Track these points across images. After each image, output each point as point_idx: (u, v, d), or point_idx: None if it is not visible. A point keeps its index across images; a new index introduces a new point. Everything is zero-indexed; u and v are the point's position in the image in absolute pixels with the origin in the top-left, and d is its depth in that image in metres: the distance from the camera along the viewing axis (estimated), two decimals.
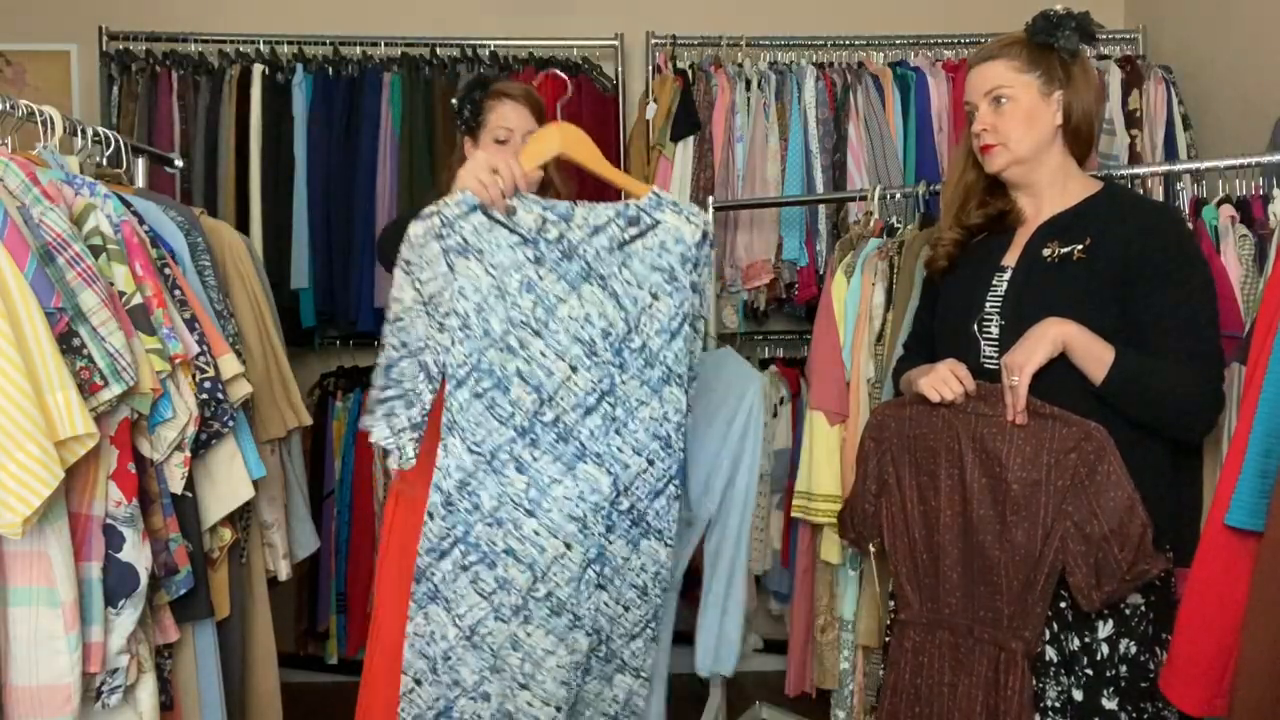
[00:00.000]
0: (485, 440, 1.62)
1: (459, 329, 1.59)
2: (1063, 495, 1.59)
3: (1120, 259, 1.66)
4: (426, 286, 1.61)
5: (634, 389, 1.67)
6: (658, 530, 1.73)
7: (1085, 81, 1.76)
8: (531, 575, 1.64)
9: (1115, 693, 1.61)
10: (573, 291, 1.64)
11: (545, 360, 1.63)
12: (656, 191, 1.70)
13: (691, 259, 1.69)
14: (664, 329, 1.68)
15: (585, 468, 1.65)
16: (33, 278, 1.41)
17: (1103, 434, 1.57)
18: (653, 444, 1.68)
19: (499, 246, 1.61)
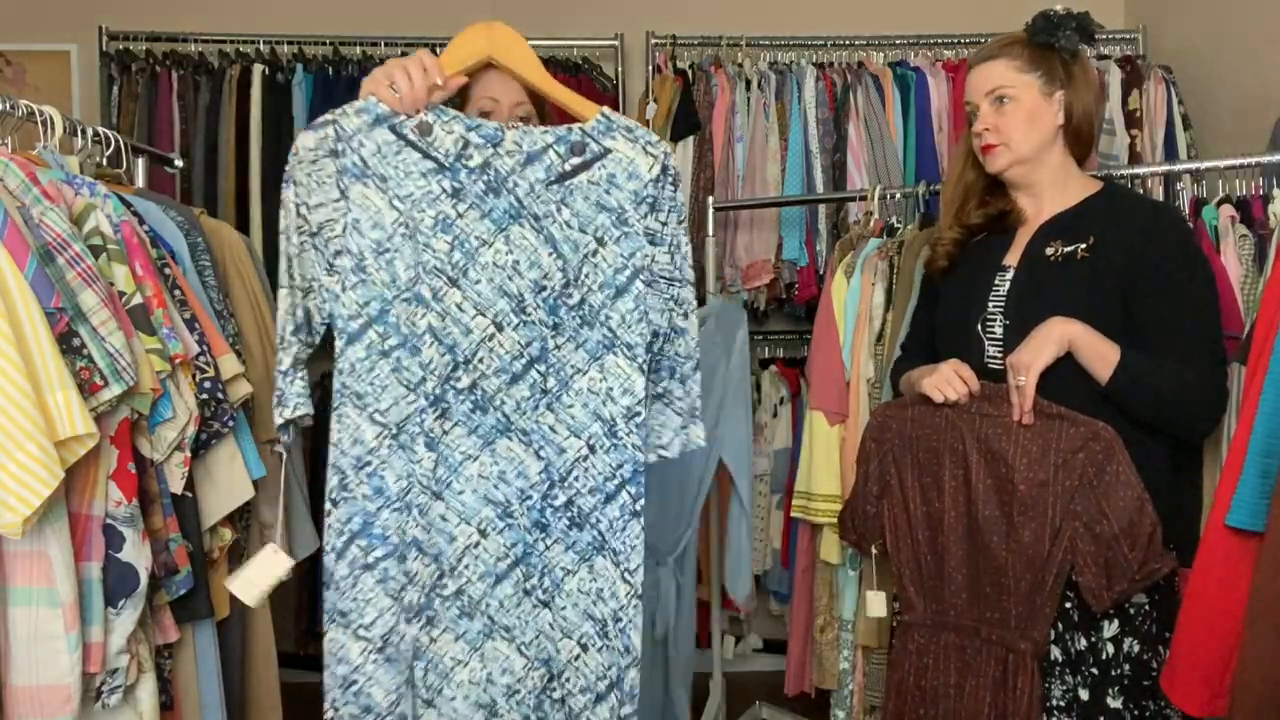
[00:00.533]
0: (391, 409, 1.36)
1: (351, 271, 1.34)
2: (1071, 495, 1.58)
3: (1124, 258, 1.66)
4: (314, 214, 1.37)
5: (570, 354, 1.39)
6: (613, 550, 1.40)
7: (1085, 81, 1.77)
8: (438, 569, 1.37)
9: (1120, 692, 1.61)
10: (499, 233, 1.37)
11: (463, 315, 1.36)
12: (606, 113, 1.41)
13: (647, 198, 1.40)
14: (608, 282, 1.39)
15: (508, 444, 1.38)
16: (33, 278, 1.40)
17: (1111, 433, 1.57)
18: (593, 425, 1.39)
19: (408, 174, 1.35)
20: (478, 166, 1.38)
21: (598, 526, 1.41)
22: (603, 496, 1.40)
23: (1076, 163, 1.81)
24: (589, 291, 1.40)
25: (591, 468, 1.40)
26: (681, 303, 1.46)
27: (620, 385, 1.41)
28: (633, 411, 1.40)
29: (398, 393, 1.38)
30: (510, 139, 1.39)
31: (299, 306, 1.41)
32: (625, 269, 1.40)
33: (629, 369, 1.40)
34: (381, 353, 1.37)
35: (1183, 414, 1.63)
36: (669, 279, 1.44)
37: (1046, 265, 1.72)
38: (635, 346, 1.40)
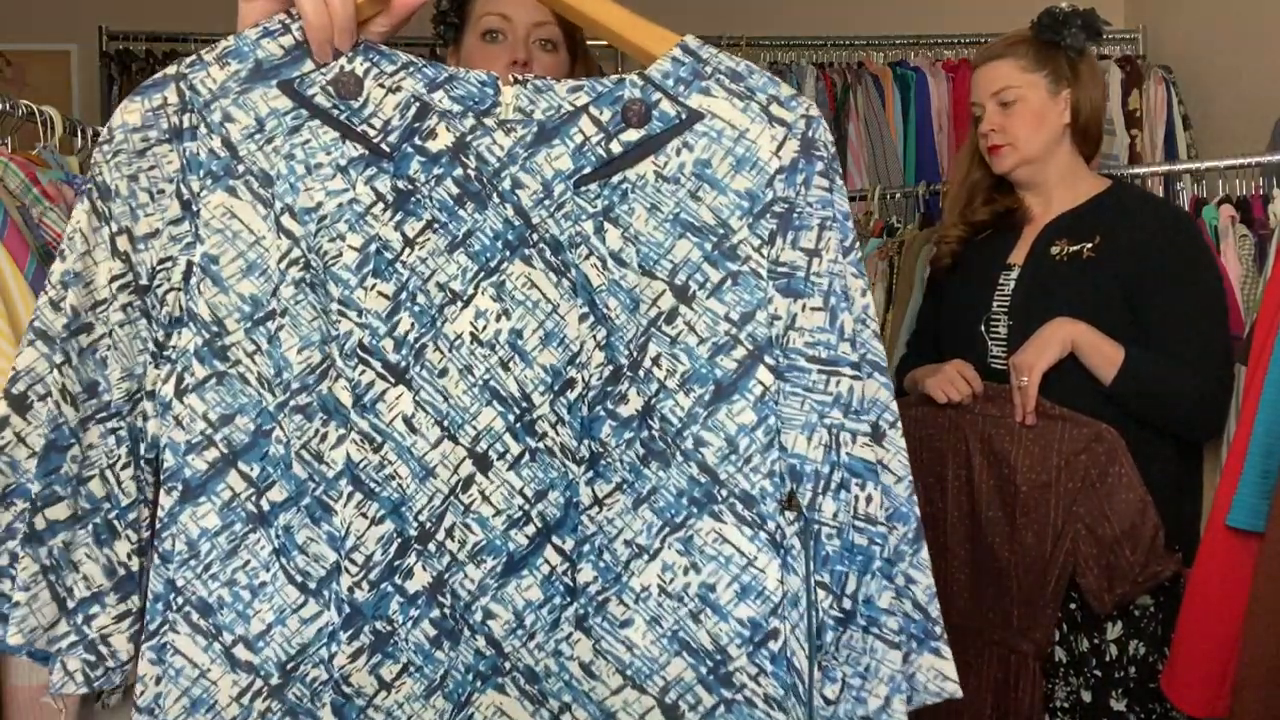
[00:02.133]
0: (269, 640, 0.74)
1: (195, 356, 0.74)
2: (1073, 497, 1.58)
3: (1130, 258, 1.65)
4: (144, 251, 0.76)
5: (627, 520, 0.76)
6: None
7: (1092, 79, 1.76)
8: None
9: (1124, 694, 1.61)
10: (484, 278, 0.76)
11: (414, 441, 0.74)
12: (690, 45, 0.86)
13: (776, 206, 0.78)
14: (699, 374, 0.76)
15: (499, 701, 0.76)
16: (33, 278, 1.41)
17: (1114, 435, 1.56)
18: (675, 665, 0.75)
19: (313, 167, 0.75)
20: (445, 151, 0.76)
21: None
22: None
23: (1084, 161, 1.80)
24: (661, 393, 0.76)
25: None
26: (859, 410, 0.78)
27: (730, 579, 0.75)
28: (762, 633, 0.74)
29: (283, 601, 0.74)
30: (510, 99, 0.77)
31: (72, 434, 0.75)
32: (734, 346, 0.76)
33: (749, 545, 0.75)
34: (252, 517, 0.75)
35: (1187, 415, 1.63)
36: (827, 362, 0.78)
37: (1051, 265, 1.71)
38: (759, 501, 0.75)
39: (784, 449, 0.76)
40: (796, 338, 0.77)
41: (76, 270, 0.75)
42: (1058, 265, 1.70)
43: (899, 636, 0.78)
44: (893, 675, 0.77)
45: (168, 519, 0.74)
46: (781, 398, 0.76)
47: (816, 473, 0.76)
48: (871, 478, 0.77)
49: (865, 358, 0.79)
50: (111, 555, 0.76)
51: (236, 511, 0.74)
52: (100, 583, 0.76)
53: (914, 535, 0.81)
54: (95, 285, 0.75)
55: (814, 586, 0.75)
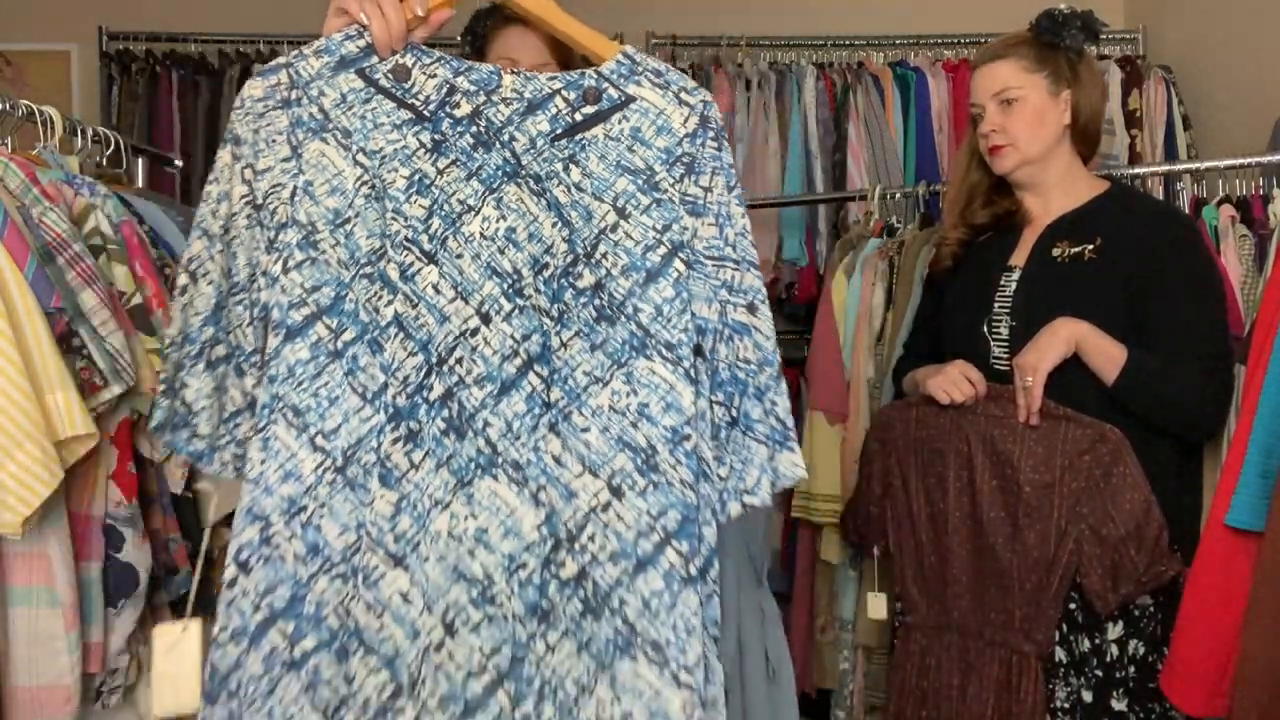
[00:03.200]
0: (339, 430, 1.03)
1: (299, 247, 1.04)
2: (1077, 497, 1.58)
3: (1132, 259, 1.65)
4: (260, 180, 1.07)
5: (584, 357, 1.06)
6: (653, 646, 0.99)
7: (1092, 80, 1.76)
8: (392, 682, 0.97)
9: (1125, 694, 1.61)
10: (489, 195, 1.08)
11: (437, 300, 1.04)
12: (629, 52, 1.14)
13: (683, 157, 1.11)
14: (635, 264, 1.07)
15: (493, 486, 1.01)
16: (33, 278, 1.41)
17: (1118, 435, 1.57)
18: (619, 457, 1.03)
19: (378, 125, 1.07)
20: (465, 116, 1.09)
21: (624, 611, 1.00)
22: (632, 563, 1.01)
23: (1082, 162, 1.81)
24: (608, 276, 1.07)
25: (616, 521, 1.02)
26: (742, 290, 1.13)
27: (659, 399, 1.05)
28: (678, 435, 1.04)
29: (350, 405, 1.02)
30: (509, 83, 1.11)
31: (223, 302, 1.09)
32: (658, 246, 1.08)
33: (670, 377, 1.05)
34: (332, 352, 1.04)
35: (1188, 415, 1.63)
36: (718, 259, 1.13)
37: (1053, 266, 1.71)
38: (677, 346, 1.06)
39: (693, 315, 1.10)
40: (698, 243, 1.13)
41: (224, 192, 1.09)
42: (1059, 266, 1.70)
43: (766, 438, 1.13)
44: (762, 464, 1.13)
45: (274, 354, 1.04)
46: (690, 281, 1.10)
47: (714, 330, 1.12)
48: (747, 334, 1.14)
49: (744, 258, 1.16)
50: (244, 386, 1.09)
51: (321, 348, 1.05)
52: (240, 403, 1.09)
53: (776, 375, 1.15)
54: (232, 201, 1.08)
55: (711, 404, 1.11)
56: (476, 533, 1.01)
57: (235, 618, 1.00)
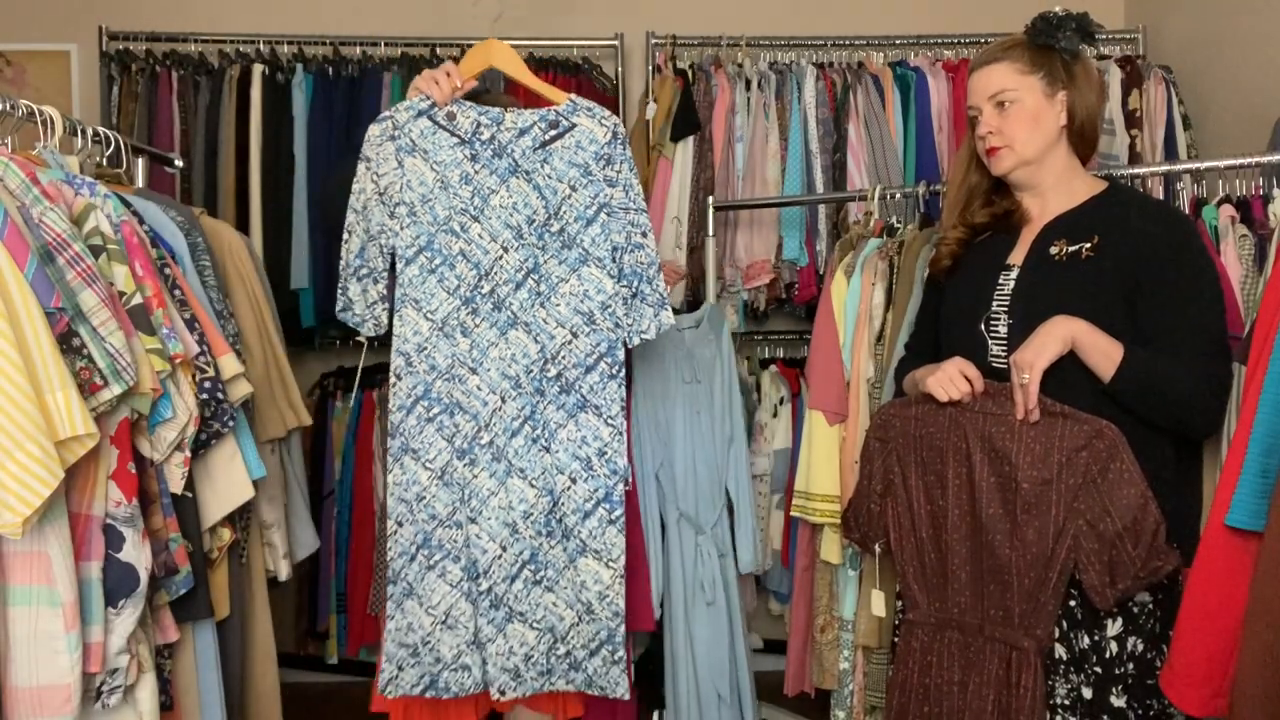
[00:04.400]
0: (438, 309, 1.89)
1: (407, 215, 1.89)
2: (1074, 494, 1.59)
3: (1129, 258, 1.66)
4: (382, 180, 1.91)
5: (555, 268, 1.91)
6: (595, 406, 1.92)
7: (1088, 81, 1.77)
8: (476, 425, 1.89)
9: (1124, 690, 1.61)
10: (503, 184, 1.90)
11: (482, 241, 1.90)
12: (573, 99, 1.94)
13: (604, 155, 1.91)
14: (580, 216, 1.91)
15: (516, 334, 1.90)
16: (33, 278, 1.41)
17: (1115, 432, 1.57)
18: (575, 318, 1.91)
19: (441, 146, 1.90)
20: (487, 139, 1.92)
21: (580, 390, 1.92)
22: (584, 368, 1.92)
23: (1081, 162, 1.81)
24: (567, 223, 1.91)
25: (575, 348, 1.92)
26: (638, 225, 1.93)
27: (594, 287, 1.91)
28: (605, 305, 1.92)
29: (441, 297, 1.90)
30: (508, 119, 1.92)
31: (366, 245, 1.92)
32: (592, 205, 1.91)
33: (599, 275, 1.91)
34: (429, 270, 1.90)
35: (1186, 412, 1.63)
36: (624, 208, 1.92)
37: (1050, 264, 1.72)
38: (603, 259, 1.91)
39: (612, 241, 1.92)
40: (614, 201, 1.92)
41: (361, 187, 1.92)
42: (1056, 265, 1.71)
43: (653, 304, 1.97)
44: (650, 317, 1.98)
45: (401, 271, 1.90)
46: (610, 222, 1.92)
47: (623, 247, 1.93)
48: (640, 249, 1.94)
49: (639, 206, 1.94)
50: (378, 289, 1.94)
51: (423, 268, 1.91)
52: (374, 298, 1.94)
53: (658, 268, 1.97)
54: (366, 193, 1.92)
55: (621, 287, 1.93)
56: (510, 356, 1.91)
57: (397, 399, 1.90)
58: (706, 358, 2.46)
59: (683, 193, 3.27)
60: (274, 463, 2.21)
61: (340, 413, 3.36)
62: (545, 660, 1.90)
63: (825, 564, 2.47)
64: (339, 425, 3.35)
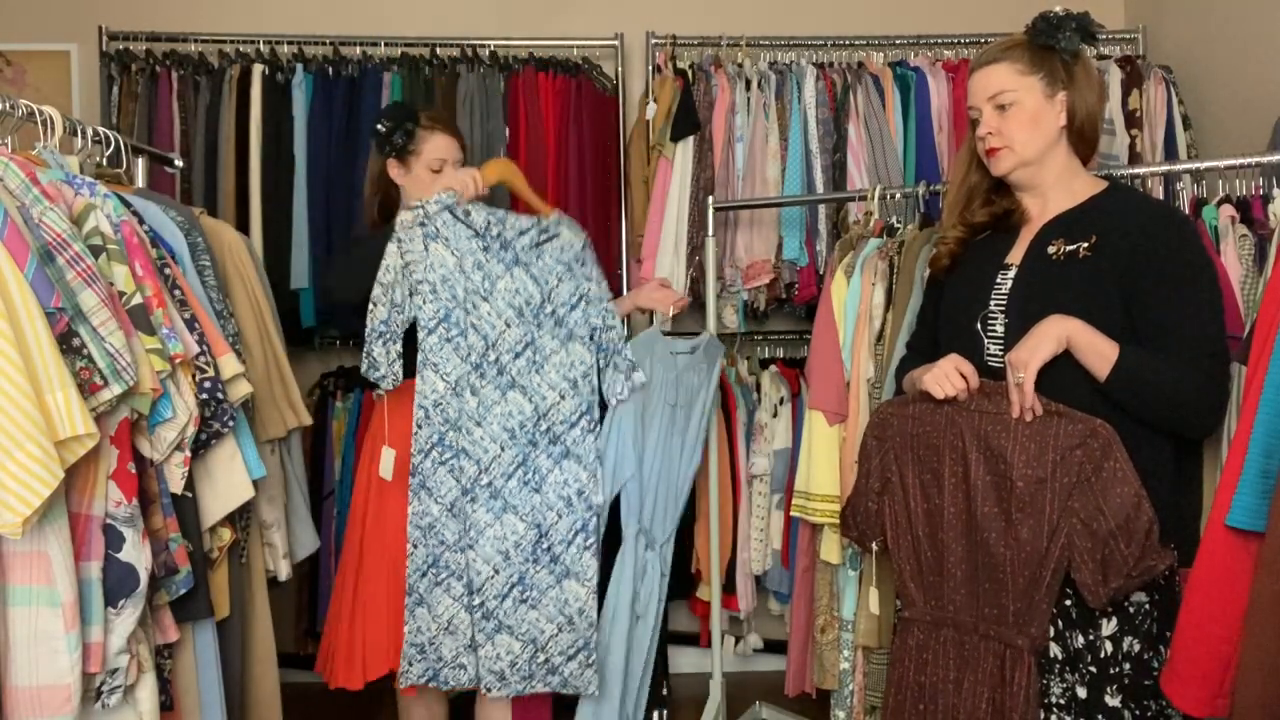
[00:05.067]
0: (452, 371, 2.20)
1: (429, 292, 2.19)
2: (1069, 492, 1.59)
3: (1126, 257, 1.66)
4: (407, 257, 2.18)
5: (548, 342, 2.27)
6: (577, 456, 2.27)
7: (1088, 81, 1.77)
8: (478, 468, 2.20)
9: (1119, 690, 1.61)
10: (507, 272, 2.24)
11: (490, 318, 2.22)
12: (558, 215, 2.32)
13: (580, 259, 2.32)
14: (566, 303, 2.29)
15: (514, 394, 2.24)
16: (33, 278, 1.40)
17: (1109, 430, 1.57)
18: (563, 383, 2.27)
19: (460, 236, 2.21)
20: (496, 235, 2.24)
21: (565, 441, 2.27)
22: (569, 424, 2.28)
23: (1081, 162, 1.81)
24: (557, 306, 2.29)
25: (562, 407, 2.27)
26: (610, 311, 2.35)
27: (578, 359, 2.29)
28: (585, 374, 2.30)
29: (455, 362, 2.20)
30: (512, 221, 2.26)
31: (390, 314, 2.17)
32: (574, 295, 2.31)
33: (582, 350, 2.30)
34: (446, 339, 2.20)
35: (1181, 412, 1.63)
36: (599, 299, 2.34)
37: (1048, 264, 1.72)
38: (585, 337, 2.31)
39: (590, 322, 2.33)
40: (590, 293, 2.33)
41: (389, 264, 2.16)
42: (1054, 265, 1.71)
43: (623, 370, 2.38)
44: (621, 381, 2.38)
45: (422, 340, 2.19)
46: (588, 308, 2.32)
47: (598, 327, 2.34)
48: (612, 329, 2.35)
49: (606, 296, 2.36)
50: (396, 349, 2.19)
51: (442, 337, 2.20)
52: (393, 357, 2.19)
53: (625, 341, 2.38)
54: (394, 270, 2.17)
55: (598, 358, 2.35)
56: (508, 412, 2.22)
57: (417, 444, 2.19)
58: (694, 384, 2.53)
59: (683, 193, 3.27)
60: (274, 463, 2.21)
61: (340, 413, 3.36)
62: (527, 667, 2.23)
63: (825, 564, 2.47)
64: (339, 425, 3.35)
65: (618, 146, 3.46)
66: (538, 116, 3.36)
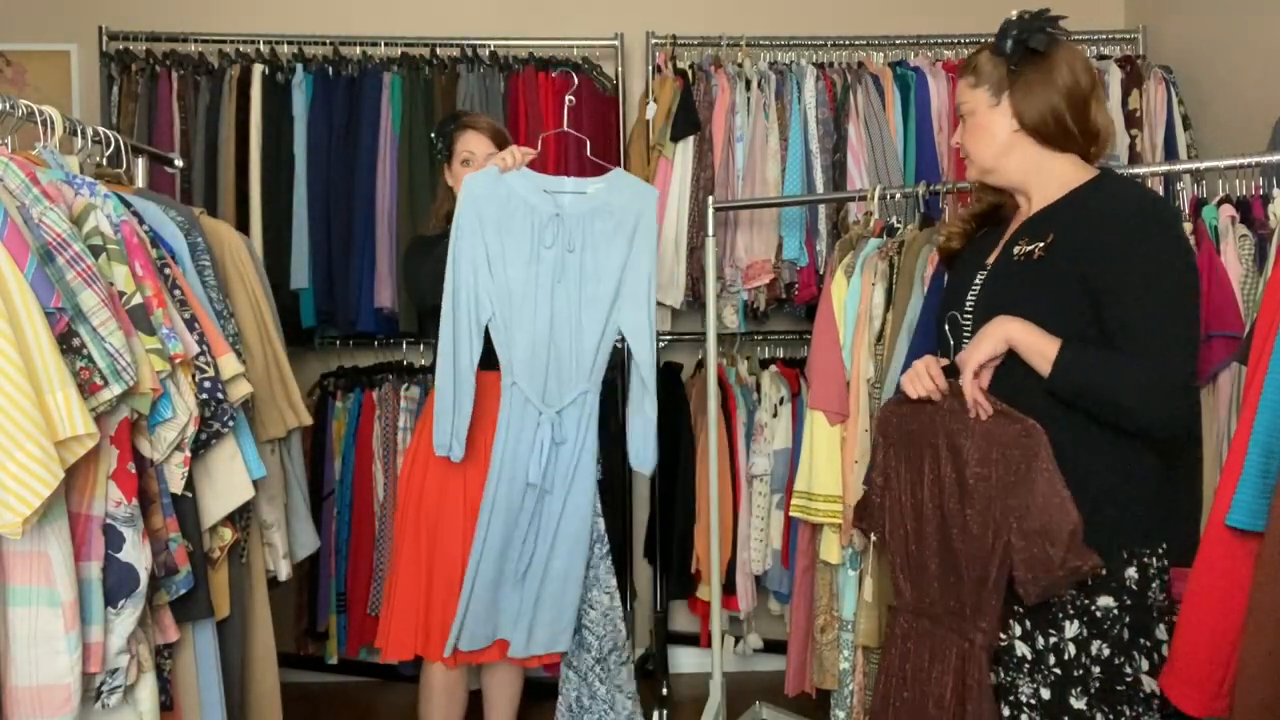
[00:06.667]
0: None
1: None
2: (1007, 489, 1.62)
3: (1084, 256, 1.63)
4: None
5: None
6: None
7: (1041, 78, 1.73)
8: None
9: (1083, 693, 1.61)
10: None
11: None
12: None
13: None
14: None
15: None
16: (33, 278, 1.41)
17: (1038, 430, 1.59)
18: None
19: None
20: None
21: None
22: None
23: (1083, 156, 1.78)
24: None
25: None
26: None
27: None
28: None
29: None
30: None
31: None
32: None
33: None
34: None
35: (1130, 413, 1.59)
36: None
37: (1011, 265, 1.74)
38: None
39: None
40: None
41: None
42: (1016, 265, 1.73)
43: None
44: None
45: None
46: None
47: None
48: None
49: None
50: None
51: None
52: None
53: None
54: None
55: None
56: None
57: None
58: (603, 232, 2.35)
59: (683, 193, 3.27)
60: (274, 463, 2.21)
61: (340, 413, 3.36)
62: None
63: (825, 564, 2.47)
64: (339, 425, 3.35)
65: (618, 146, 3.46)
66: (538, 116, 3.36)
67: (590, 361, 2.35)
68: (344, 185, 3.25)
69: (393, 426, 3.28)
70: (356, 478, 3.31)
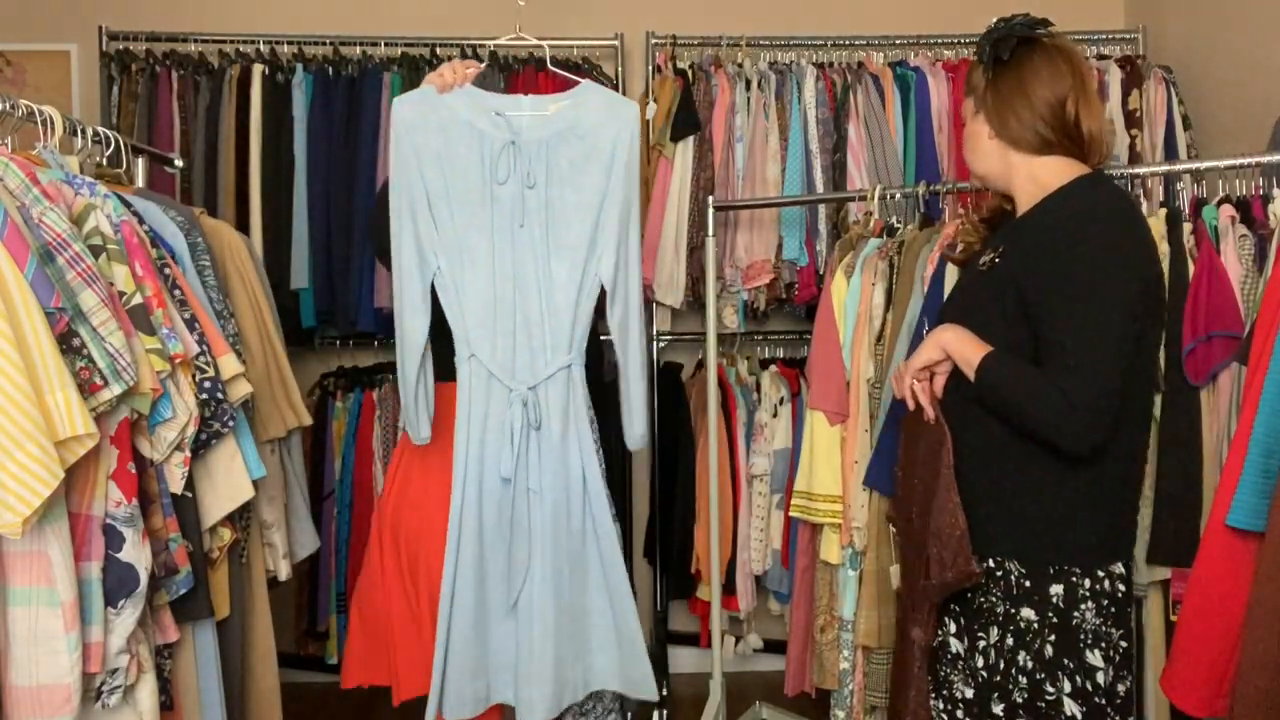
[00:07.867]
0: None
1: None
2: (929, 491, 1.68)
3: (1019, 267, 1.62)
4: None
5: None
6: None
7: (1013, 85, 1.71)
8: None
9: (1001, 700, 1.61)
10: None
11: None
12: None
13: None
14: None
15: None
16: (33, 278, 1.41)
17: (946, 435, 1.66)
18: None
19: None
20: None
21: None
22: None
23: (1081, 159, 1.75)
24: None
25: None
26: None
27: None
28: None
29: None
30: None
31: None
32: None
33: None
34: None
35: (1036, 428, 1.56)
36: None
37: (974, 273, 1.77)
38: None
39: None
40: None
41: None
42: (976, 274, 1.76)
43: None
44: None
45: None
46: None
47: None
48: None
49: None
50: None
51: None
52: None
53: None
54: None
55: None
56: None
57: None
58: (572, 158, 1.94)
59: (683, 193, 3.27)
60: (274, 463, 2.21)
61: (340, 413, 3.36)
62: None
63: (825, 564, 2.47)
64: (339, 425, 3.35)
65: None
66: None
67: (569, 325, 1.89)
68: (344, 185, 3.25)
69: (393, 426, 3.29)
70: (356, 478, 3.31)
